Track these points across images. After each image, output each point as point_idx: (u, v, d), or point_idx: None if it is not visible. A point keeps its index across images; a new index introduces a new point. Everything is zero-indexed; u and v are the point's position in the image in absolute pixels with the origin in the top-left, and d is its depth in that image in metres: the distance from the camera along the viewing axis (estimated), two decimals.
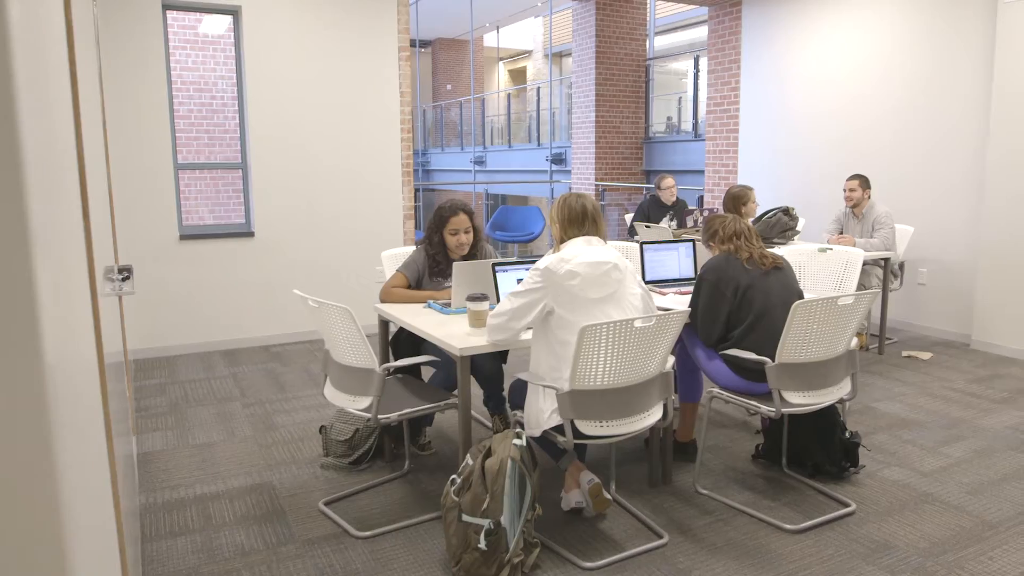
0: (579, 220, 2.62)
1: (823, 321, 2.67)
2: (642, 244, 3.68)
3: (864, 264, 5.15)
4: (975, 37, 5.20)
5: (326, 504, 2.96)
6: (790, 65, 6.55)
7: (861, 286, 5.10)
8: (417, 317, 3.04)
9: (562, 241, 2.63)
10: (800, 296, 2.96)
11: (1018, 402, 4.13)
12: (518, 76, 20.31)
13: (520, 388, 2.79)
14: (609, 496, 2.77)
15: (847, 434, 3.16)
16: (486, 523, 2.36)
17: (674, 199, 6.25)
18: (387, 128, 5.60)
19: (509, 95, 15.14)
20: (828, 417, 3.13)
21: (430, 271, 3.39)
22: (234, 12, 5.11)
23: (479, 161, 13.65)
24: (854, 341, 2.94)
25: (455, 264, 3.07)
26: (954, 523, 2.80)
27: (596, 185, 9.23)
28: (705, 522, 2.82)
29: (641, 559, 2.57)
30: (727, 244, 3.02)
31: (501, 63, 20.13)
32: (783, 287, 2.93)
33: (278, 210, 5.34)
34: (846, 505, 2.92)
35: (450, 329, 2.83)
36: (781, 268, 2.98)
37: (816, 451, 3.15)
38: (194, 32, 7.55)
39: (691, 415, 3.36)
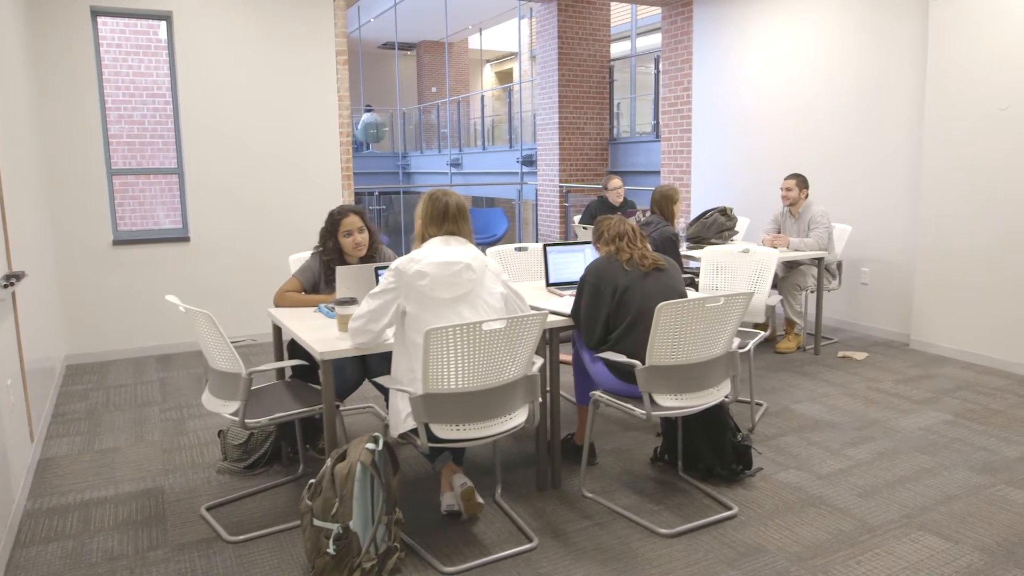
0: (440, 219, 2.61)
1: (692, 323, 2.65)
2: (546, 246, 3.67)
3: (800, 264, 5.12)
4: (915, 40, 5.17)
5: (208, 509, 2.96)
6: (738, 66, 6.52)
7: (796, 286, 5.07)
8: (298, 321, 3.03)
9: (423, 239, 2.62)
10: (681, 297, 2.93)
11: (939, 403, 4.09)
12: (506, 78, 20.31)
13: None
14: (480, 500, 2.75)
15: (738, 436, 3.14)
16: (335, 527, 2.35)
17: (621, 200, 6.23)
18: (326, 131, 5.60)
19: (483, 97, 15.14)
20: (717, 419, 3.10)
21: (326, 277, 3.38)
22: (166, 17, 5.12)
23: (455, 163, 13.65)
24: (735, 342, 2.92)
25: (338, 268, 3.07)
26: (834, 527, 2.77)
27: (560, 187, 9.21)
28: (581, 526, 2.79)
29: (504, 563, 2.55)
30: (610, 246, 3.00)
31: (488, 65, 20.15)
32: (663, 288, 2.90)
33: (215, 215, 5.34)
34: (728, 508, 2.89)
35: (325, 333, 2.81)
36: (663, 270, 2.95)
37: (707, 454, 3.13)
38: (147, 37, 7.59)
39: (588, 418, 3.33)
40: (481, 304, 2.55)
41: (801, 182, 5.16)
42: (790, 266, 5.19)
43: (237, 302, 5.38)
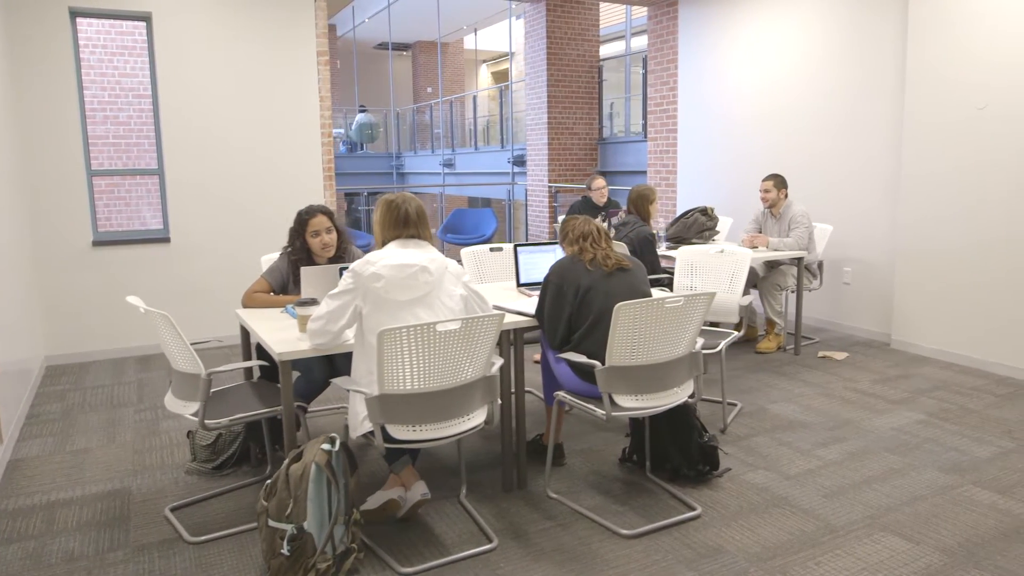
0: (400, 224, 2.61)
1: (651, 323, 2.64)
2: (516, 246, 3.66)
3: (780, 264, 5.11)
4: (896, 41, 5.15)
5: (172, 510, 2.96)
6: (722, 66, 6.51)
7: (776, 286, 5.07)
8: (264, 321, 3.02)
9: (383, 244, 2.62)
10: (644, 297, 2.92)
11: (915, 402, 4.08)
12: (502, 78, 20.30)
13: None
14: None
15: (705, 437, 3.13)
16: (289, 528, 2.35)
17: (605, 200, 6.22)
18: (307, 132, 5.60)
19: (475, 97, 15.13)
20: (682, 420, 3.10)
21: (294, 278, 3.37)
22: (146, 18, 5.12)
23: (448, 163, 13.65)
24: (699, 342, 2.91)
25: (303, 269, 3.07)
26: (796, 527, 2.76)
27: (549, 187, 9.21)
28: (543, 527, 2.79)
29: (463, 564, 2.55)
30: (574, 246, 3.00)
31: (484, 65, 20.15)
32: (627, 288, 2.89)
33: (196, 215, 5.35)
34: (692, 509, 2.88)
35: (287, 334, 2.81)
36: (627, 269, 2.94)
37: (674, 454, 3.12)
38: (132, 38, 7.59)
39: (557, 418, 3.33)
40: (439, 306, 2.55)
41: (779, 183, 5.15)
42: (771, 266, 5.18)
43: (219, 302, 5.37)
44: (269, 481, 2.47)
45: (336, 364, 3.25)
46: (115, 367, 5.04)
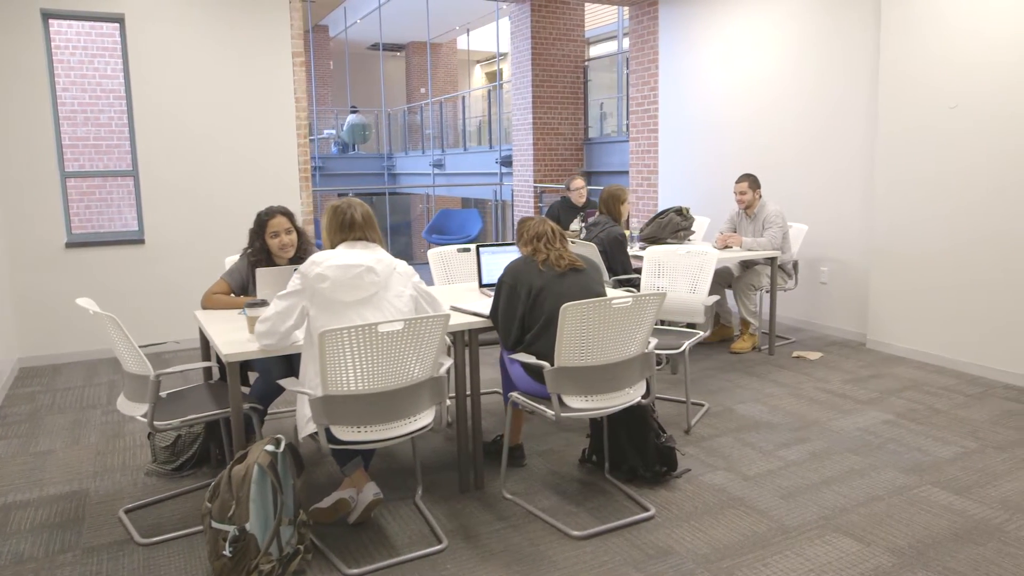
0: (346, 228, 2.62)
1: (599, 324, 2.63)
2: (478, 247, 3.66)
3: (755, 264, 5.11)
4: (873, 42, 5.15)
5: (127, 511, 2.95)
6: (703, 66, 6.51)
7: (750, 286, 5.06)
8: (219, 323, 3.02)
9: (332, 248, 2.63)
10: (596, 297, 2.91)
11: (883, 403, 4.07)
12: (496, 78, 20.29)
13: None
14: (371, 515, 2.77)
15: (662, 438, 3.12)
16: (232, 529, 2.34)
17: (584, 200, 6.21)
18: (283, 133, 5.60)
19: (464, 98, 15.13)
20: (639, 421, 3.09)
21: (254, 279, 3.37)
22: (119, 20, 5.12)
23: (438, 164, 13.65)
24: (652, 342, 2.90)
25: (258, 270, 3.06)
26: (749, 528, 2.75)
27: (534, 187, 9.21)
28: (495, 528, 2.78)
29: (410, 565, 2.54)
30: (529, 246, 2.99)
31: (478, 66, 20.15)
32: (580, 289, 2.89)
33: (170, 217, 5.35)
34: (646, 510, 2.88)
35: (238, 335, 2.80)
36: (580, 270, 2.94)
37: (632, 455, 3.12)
38: (113, 39, 7.59)
39: (517, 419, 3.33)
40: (387, 306, 2.54)
41: (753, 183, 5.14)
42: (745, 266, 5.17)
43: (193, 304, 5.32)
44: (213, 482, 2.47)
45: (295, 366, 3.24)
46: (87, 369, 5.03)
